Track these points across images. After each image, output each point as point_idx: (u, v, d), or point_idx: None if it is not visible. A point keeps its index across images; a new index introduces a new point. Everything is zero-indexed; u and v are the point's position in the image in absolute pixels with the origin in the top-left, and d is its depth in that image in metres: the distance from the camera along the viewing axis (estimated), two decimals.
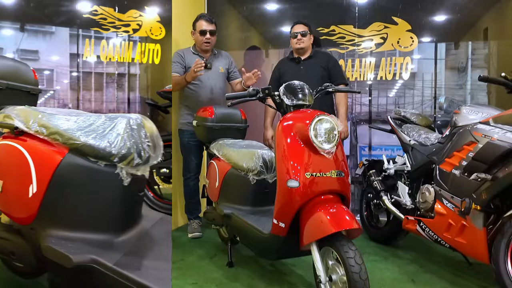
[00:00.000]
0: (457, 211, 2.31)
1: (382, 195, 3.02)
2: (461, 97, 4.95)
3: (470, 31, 4.49)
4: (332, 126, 2.05)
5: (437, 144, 2.74)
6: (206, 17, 3.36)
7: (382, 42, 3.76)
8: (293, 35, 3.38)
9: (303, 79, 3.22)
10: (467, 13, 4.09)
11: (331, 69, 3.36)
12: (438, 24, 3.84)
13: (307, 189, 2.01)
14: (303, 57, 3.41)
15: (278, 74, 3.48)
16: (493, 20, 4.37)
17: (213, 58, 3.44)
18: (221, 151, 2.80)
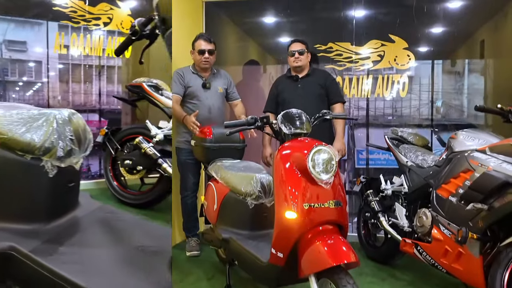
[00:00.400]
0: (453, 238, 2.33)
1: (380, 216, 3.04)
2: (458, 101, 4.99)
3: (467, 43, 4.52)
4: (330, 156, 2.06)
5: (434, 167, 2.75)
6: (204, 37, 3.38)
7: (379, 59, 3.78)
8: (291, 53, 3.40)
9: (300, 97, 3.30)
10: (464, 26, 4.12)
11: (329, 87, 3.37)
12: (434, 38, 3.86)
13: (305, 220, 2.01)
14: (300, 75, 3.42)
15: (276, 91, 3.49)
16: (489, 33, 4.40)
17: (212, 77, 3.45)
18: (219, 173, 2.81)
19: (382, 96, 3.82)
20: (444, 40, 4.09)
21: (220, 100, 3.47)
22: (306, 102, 3.07)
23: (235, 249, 2.52)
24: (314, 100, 3.28)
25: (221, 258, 3.14)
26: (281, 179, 2.11)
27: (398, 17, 3.78)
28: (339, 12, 3.91)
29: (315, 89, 3.34)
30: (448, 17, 3.86)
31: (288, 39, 4.20)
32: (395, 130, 3.31)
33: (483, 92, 4.51)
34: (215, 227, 2.75)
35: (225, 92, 3.50)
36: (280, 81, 3.53)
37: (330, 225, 2.07)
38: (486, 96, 4.61)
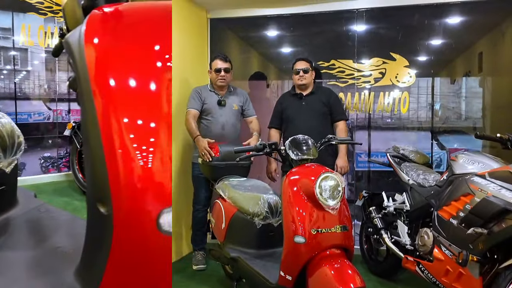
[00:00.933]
0: (454, 259, 2.41)
1: (382, 233, 3.12)
2: (456, 104, 5.06)
3: (465, 55, 4.60)
4: (337, 183, 2.15)
5: (435, 187, 2.83)
6: (220, 56, 3.51)
7: (380, 77, 3.86)
8: (296, 72, 3.48)
9: (305, 115, 3.40)
10: (462, 39, 4.19)
11: (332, 105, 3.46)
12: (434, 54, 3.93)
13: (313, 245, 2.10)
14: (305, 92, 3.50)
15: (280, 108, 3.57)
16: (488, 46, 4.48)
17: (228, 95, 3.55)
18: (226, 192, 2.89)
19: (383, 111, 3.90)
20: (444, 55, 4.17)
21: (234, 117, 3.55)
22: (310, 119, 3.17)
23: (243, 269, 2.60)
24: (318, 117, 3.37)
25: (228, 273, 3.21)
26: (289, 202, 2.20)
27: (399, 34, 3.86)
28: (342, 30, 3.98)
29: (319, 107, 3.42)
30: (447, 32, 3.94)
31: (291, 54, 4.30)
32: (397, 147, 3.39)
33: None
34: (223, 245, 2.83)
35: (241, 109, 3.59)
36: (285, 98, 3.61)
37: (337, 249, 2.16)
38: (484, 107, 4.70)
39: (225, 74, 3.45)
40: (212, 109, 3.47)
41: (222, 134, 3.45)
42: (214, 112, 3.46)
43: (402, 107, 3.86)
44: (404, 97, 3.84)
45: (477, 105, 4.13)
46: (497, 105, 4.10)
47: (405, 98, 3.84)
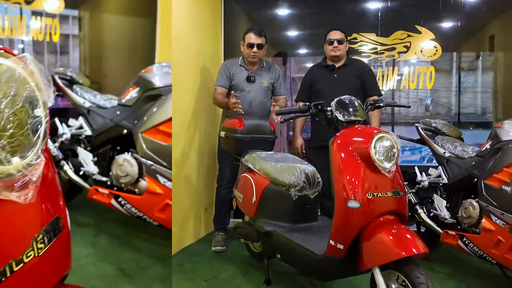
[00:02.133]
0: (508, 228, 2.27)
1: (418, 208, 2.96)
2: (446, 99, 5.01)
3: (475, 38, 4.52)
4: (392, 144, 1.99)
5: (476, 158, 2.70)
6: (255, 30, 3.28)
7: (405, 50, 3.72)
8: (329, 42, 3.25)
9: (336, 88, 3.13)
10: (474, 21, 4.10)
11: (365, 79, 3.24)
12: (458, 31, 3.82)
13: (369, 210, 1.94)
14: (337, 64, 3.27)
15: (310, 81, 3.36)
16: (500, 28, 4.40)
17: (259, 71, 3.35)
18: (257, 164, 2.70)
19: (408, 88, 3.76)
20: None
21: (263, 94, 3.36)
22: (342, 93, 2.76)
23: (280, 242, 2.42)
24: (350, 91, 2.98)
25: (253, 252, 3.05)
26: (339, 168, 2.03)
27: (424, 8, 3.72)
28: (363, 2, 3.83)
29: (352, 80, 3.21)
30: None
31: (309, 31, 4.14)
32: (428, 121, 3.25)
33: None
34: (254, 220, 2.65)
35: (271, 86, 3.40)
36: (315, 70, 3.40)
37: (391, 215, 2.00)
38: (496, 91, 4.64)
39: (257, 50, 3.25)
40: (240, 84, 3.28)
41: (249, 111, 3.25)
42: (242, 88, 3.26)
43: (427, 83, 3.72)
44: (430, 71, 3.71)
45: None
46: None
47: (431, 72, 3.71)
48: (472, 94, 5.12)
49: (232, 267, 2.97)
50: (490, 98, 4.84)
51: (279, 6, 4.20)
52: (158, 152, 2.28)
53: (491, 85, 4.75)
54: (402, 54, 3.73)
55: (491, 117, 4.75)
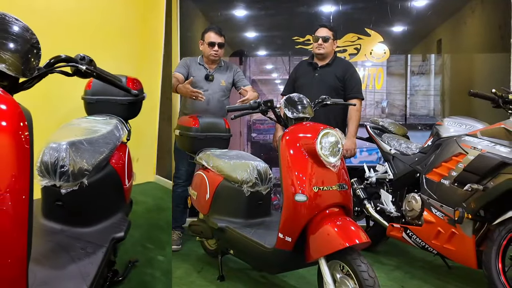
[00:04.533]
0: (446, 219, 2.41)
1: (366, 203, 3.09)
2: (401, 102, 5.24)
3: (424, 42, 4.75)
4: (337, 139, 2.07)
5: (419, 154, 2.84)
6: (215, 30, 3.31)
7: (355, 52, 3.86)
8: (315, 39, 3.26)
9: (314, 87, 3.20)
10: (423, 25, 4.31)
11: (347, 80, 3.23)
12: (406, 34, 4.00)
13: (315, 203, 2.01)
14: (320, 63, 3.29)
15: (294, 76, 3.40)
16: (447, 32, 4.65)
17: (218, 70, 3.39)
18: (210, 162, 2.73)
19: (365, 89, 3.90)
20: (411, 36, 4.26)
21: (221, 93, 3.37)
22: (320, 93, 2.80)
23: (232, 238, 2.46)
24: (327, 91, 3.02)
25: (208, 250, 3.07)
26: (288, 161, 2.09)
27: (374, 12, 3.87)
28: (317, 5, 3.94)
29: (331, 81, 3.21)
30: (415, 14, 4.02)
31: (264, 33, 4.20)
32: (376, 120, 3.39)
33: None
34: (208, 217, 2.67)
35: (230, 85, 3.42)
36: (300, 66, 3.43)
37: (337, 207, 2.08)
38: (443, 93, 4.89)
39: (218, 49, 3.29)
40: (198, 83, 3.29)
41: (206, 109, 3.27)
42: (200, 86, 3.27)
43: (377, 83, 3.88)
44: (379, 73, 3.86)
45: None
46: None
47: (379, 74, 3.86)
48: (424, 96, 5.37)
49: (187, 264, 2.98)
50: (439, 100, 5.09)
51: (235, 7, 4.24)
52: (431, 188, 2.56)
53: (439, 87, 5.00)
54: (353, 56, 3.87)
55: (440, 118, 4.99)
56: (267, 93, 5.72)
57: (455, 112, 4.78)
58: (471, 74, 4.56)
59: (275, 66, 5.38)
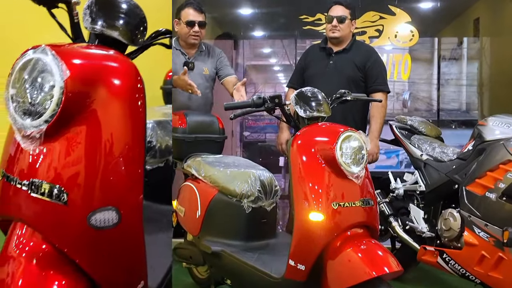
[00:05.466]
0: (492, 241, 2.42)
1: (392, 221, 3.09)
2: (426, 93, 5.28)
3: (457, 21, 4.79)
4: (360, 144, 2.07)
5: (457, 161, 2.86)
6: (194, 5, 3.27)
7: (377, 35, 3.87)
8: (328, 19, 3.23)
9: (328, 78, 3.17)
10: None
11: (369, 69, 3.22)
12: (438, 12, 4.03)
13: (334, 223, 2.01)
14: (336, 48, 3.27)
15: (303, 64, 3.39)
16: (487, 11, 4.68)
17: (198, 56, 3.37)
18: (202, 170, 2.72)
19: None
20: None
21: (205, 84, 3.37)
22: (334, 85, 2.84)
23: (230, 265, 2.45)
24: (345, 84, 3.04)
25: (198, 279, 3.06)
26: (300, 173, 2.09)
27: None
28: None
29: (349, 70, 3.18)
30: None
31: (264, 10, 4.21)
32: (403, 118, 3.40)
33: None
34: (198, 238, 2.66)
35: (214, 74, 3.42)
36: (311, 52, 3.41)
37: (360, 228, 2.08)
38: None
39: (199, 30, 3.28)
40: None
41: (187, 105, 3.26)
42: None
43: (403, 74, 3.89)
44: (406, 60, 3.88)
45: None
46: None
47: (406, 61, 3.88)
48: (455, 87, 5.40)
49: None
50: (475, 92, 5.12)
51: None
52: (473, 202, 2.55)
53: (477, 76, 5.02)
54: (374, 39, 3.88)
55: (477, 114, 5.03)
56: (263, 82, 5.75)
57: (496, 107, 4.84)
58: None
59: (275, 50, 5.39)
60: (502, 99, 4.79)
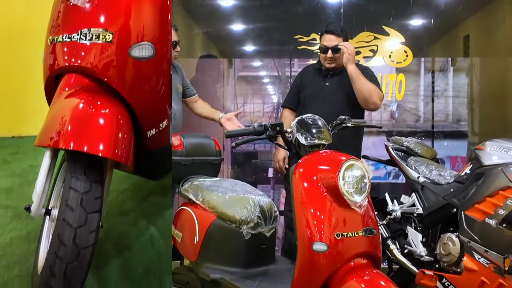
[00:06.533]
0: (493, 267, 2.42)
1: (390, 244, 3.07)
2: (413, 104, 5.32)
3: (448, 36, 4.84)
4: (363, 173, 2.06)
5: (455, 184, 2.85)
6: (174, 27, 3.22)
7: (371, 55, 3.88)
8: (322, 49, 3.20)
9: (326, 100, 3.16)
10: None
11: None
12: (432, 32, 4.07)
13: (337, 253, 1.98)
14: (332, 70, 3.26)
15: (299, 84, 3.35)
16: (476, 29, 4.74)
17: (174, 72, 3.29)
18: (200, 195, 2.69)
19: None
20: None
21: (180, 102, 3.35)
22: (332, 107, 2.89)
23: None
24: (343, 106, 3.03)
25: None
26: (303, 201, 2.07)
27: (393, 4, 3.92)
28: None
29: (345, 91, 3.13)
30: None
31: (258, 29, 4.20)
32: (398, 139, 3.39)
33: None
34: (197, 265, 2.63)
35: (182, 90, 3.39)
36: (306, 73, 3.37)
37: (363, 258, 2.06)
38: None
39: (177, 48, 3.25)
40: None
41: (174, 126, 3.20)
42: None
43: (397, 93, 3.91)
44: (400, 80, 3.89)
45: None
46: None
47: (400, 81, 3.90)
48: (444, 99, 5.44)
49: None
50: (464, 105, 5.18)
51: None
52: (472, 228, 2.56)
53: (467, 92, 5.07)
54: (368, 59, 3.89)
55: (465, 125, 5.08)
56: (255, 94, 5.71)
57: (485, 123, 4.89)
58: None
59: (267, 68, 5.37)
60: (491, 115, 4.86)
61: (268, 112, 5.53)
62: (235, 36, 4.49)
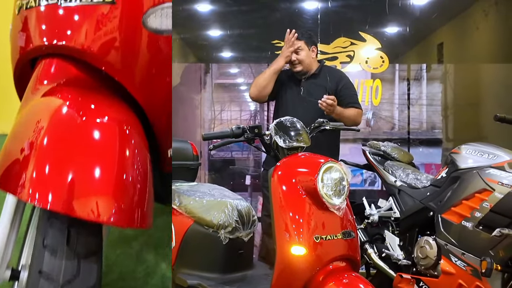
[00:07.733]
0: (470, 270, 2.42)
1: (368, 248, 3.06)
2: (388, 112, 5.38)
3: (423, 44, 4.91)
4: (341, 175, 2.05)
5: (431, 188, 2.86)
6: None
7: (348, 60, 3.90)
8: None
9: (301, 106, 3.12)
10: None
11: (340, 91, 3.15)
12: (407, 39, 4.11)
13: (316, 257, 1.97)
14: (303, 74, 3.20)
15: (277, 89, 3.24)
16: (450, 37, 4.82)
17: None
18: (176, 200, 2.66)
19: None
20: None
21: None
22: (308, 113, 2.85)
23: None
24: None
25: None
26: (281, 204, 2.05)
27: (370, 11, 3.95)
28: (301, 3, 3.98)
29: (320, 96, 3.02)
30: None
31: (236, 35, 4.19)
32: (375, 144, 3.40)
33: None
34: (173, 271, 2.59)
35: None
36: (283, 77, 3.27)
37: (342, 261, 2.05)
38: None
39: None
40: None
41: None
42: None
43: (374, 98, 3.93)
44: (377, 85, 3.91)
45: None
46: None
47: (377, 86, 3.92)
48: (418, 107, 5.52)
49: None
50: (437, 113, 5.24)
51: (200, 1, 4.22)
52: (449, 230, 2.54)
53: (441, 99, 5.14)
54: (345, 65, 3.91)
55: (439, 133, 5.14)
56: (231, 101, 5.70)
57: (459, 127, 4.97)
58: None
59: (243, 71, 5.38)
60: (465, 121, 4.93)
61: (246, 119, 5.55)
62: (213, 42, 4.47)
